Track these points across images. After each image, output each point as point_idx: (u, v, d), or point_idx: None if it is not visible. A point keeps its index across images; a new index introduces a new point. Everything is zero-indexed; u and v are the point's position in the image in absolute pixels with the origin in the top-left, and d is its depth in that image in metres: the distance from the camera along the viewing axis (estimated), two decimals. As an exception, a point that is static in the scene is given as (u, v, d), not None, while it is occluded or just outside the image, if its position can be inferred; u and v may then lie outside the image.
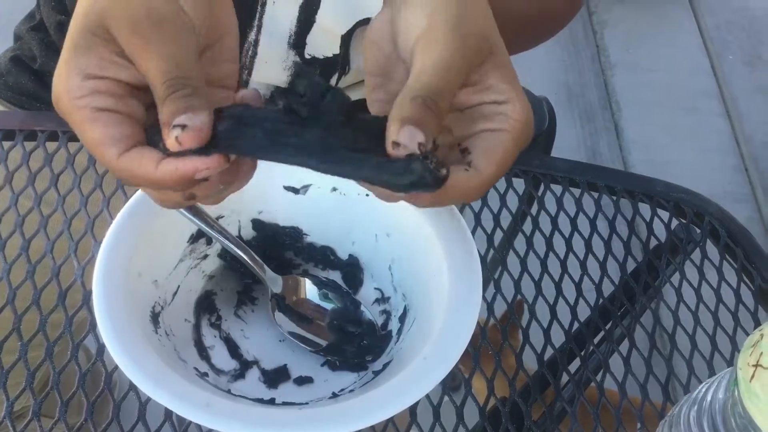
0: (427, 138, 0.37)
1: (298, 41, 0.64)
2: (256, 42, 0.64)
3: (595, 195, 0.68)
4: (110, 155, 0.39)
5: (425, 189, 0.37)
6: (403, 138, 0.37)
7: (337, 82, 0.68)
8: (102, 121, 0.39)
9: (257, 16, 0.63)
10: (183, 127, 0.37)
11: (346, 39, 0.64)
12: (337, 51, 0.65)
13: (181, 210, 0.50)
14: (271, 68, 0.65)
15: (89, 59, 0.40)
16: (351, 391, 0.51)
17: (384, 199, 0.43)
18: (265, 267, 0.53)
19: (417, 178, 0.37)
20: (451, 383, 0.52)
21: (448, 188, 0.39)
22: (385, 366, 0.51)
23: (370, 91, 0.46)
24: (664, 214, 0.67)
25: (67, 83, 0.40)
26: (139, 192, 0.51)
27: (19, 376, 0.51)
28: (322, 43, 0.64)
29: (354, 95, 0.71)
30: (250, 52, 0.64)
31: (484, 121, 0.42)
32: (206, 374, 0.50)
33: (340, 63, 0.66)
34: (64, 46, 0.41)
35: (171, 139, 0.37)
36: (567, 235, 0.64)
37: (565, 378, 0.58)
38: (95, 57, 0.40)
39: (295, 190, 0.55)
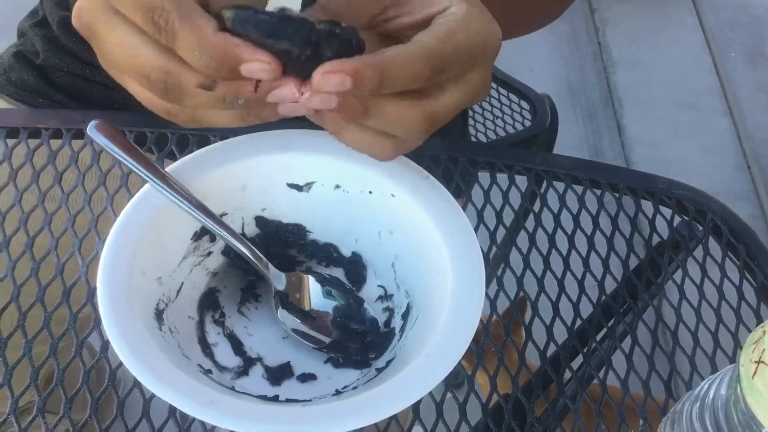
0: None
1: None
2: None
3: (598, 192, 0.68)
4: (209, 30, 0.37)
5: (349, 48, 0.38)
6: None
7: None
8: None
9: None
10: None
11: None
12: None
13: (185, 207, 0.50)
14: None
15: None
16: (354, 388, 0.51)
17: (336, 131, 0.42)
18: (269, 264, 0.53)
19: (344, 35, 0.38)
20: (454, 380, 0.52)
21: (389, 58, 0.38)
22: (388, 363, 0.51)
23: None
24: (667, 212, 0.67)
25: None
26: (143, 189, 0.51)
27: (24, 373, 0.51)
28: None
29: None
30: None
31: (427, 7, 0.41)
32: (210, 371, 0.50)
33: None
34: None
35: None
36: (569, 232, 0.64)
37: (567, 374, 0.58)
38: None
39: (299, 188, 0.55)
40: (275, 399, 0.50)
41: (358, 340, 0.54)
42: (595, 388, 0.58)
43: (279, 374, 0.52)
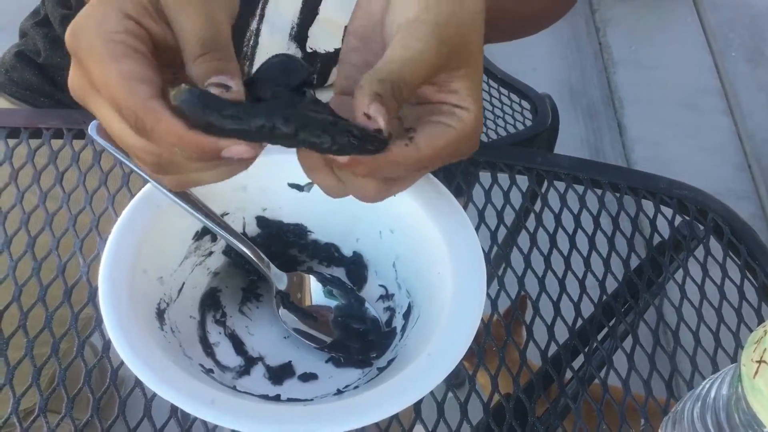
0: (385, 119, 0.39)
1: (300, 33, 0.64)
2: (258, 31, 0.64)
3: (599, 192, 0.68)
4: (141, 92, 0.38)
5: (368, 151, 0.39)
6: (374, 111, 0.39)
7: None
8: (137, 59, 0.38)
9: (260, 5, 0.63)
10: (221, 87, 0.37)
11: None
12: (338, 45, 0.65)
13: (187, 207, 0.50)
14: None
15: (131, 4, 0.39)
16: (355, 387, 0.51)
17: (310, 169, 0.44)
18: (270, 264, 0.53)
19: (367, 137, 0.39)
20: (455, 380, 0.52)
21: (386, 154, 0.40)
22: (389, 363, 0.51)
23: (346, 51, 0.47)
24: (668, 211, 0.67)
25: (104, 17, 0.39)
26: (145, 189, 0.51)
27: (26, 373, 0.51)
28: (324, 36, 0.64)
29: None
30: (251, 42, 0.64)
31: (438, 115, 0.43)
32: (211, 371, 0.51)
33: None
34: None
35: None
36: (570, 232, 0.64)
37: (568, 374, 0.58)
38: (137, 5, 0.40)
39: (300, 187, 0.55)
40: (277, 398, 0.50)
41: (360, 339, 0.54)
42: (596, 388, 0.58)
43: (280, 374, 0.52)
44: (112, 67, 0.38)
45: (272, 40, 0.64)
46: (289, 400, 0.50)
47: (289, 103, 0.39)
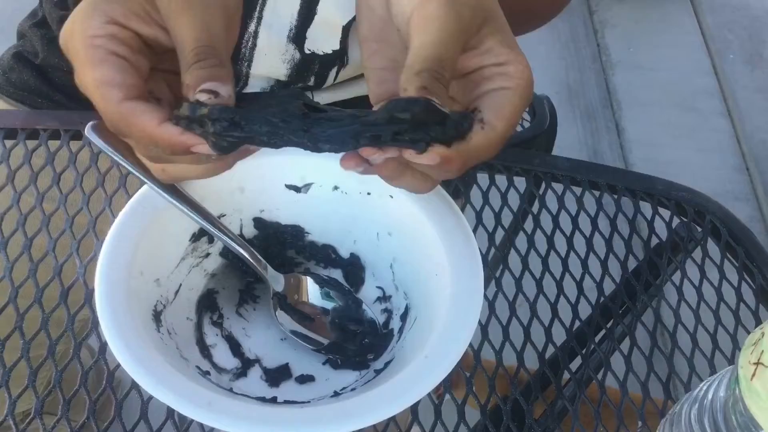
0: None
1: (298, 35, 0.64)
2: (256, 33, 0.64)
3: (597, 194, 0.68)
4: (112, 97, 0.39)
5: (451, 137, 0.39)
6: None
7: (336, 76, 0.68)
8: (112, 64, 0.40)
9: (258, 7, 0.63)
10: (211, 93, 0.39)
11: (347, 30, 0.64)
12: (337, 47, 0.65)
13: (183, 208, 0.50)
14: (271, 60, 0.65)
15: (116, 7, 0.41)
16: (352, 389, 0.51)
17: (394, 177, 0.43)
18: (267, 265, 0.53)
19: (449, 124, 0.39)
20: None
21: (471, 147, 0.40)
22: (386, 364, 0.51)
23: (368, 58, 0.47)
24: (666, 213, 0.67)
25: (88, 22, 0.40)
26: (142, 190, 0.51)
27: (22, 376, 0.51)
28: (323, 37, 0.64)
29: (352, 89, 0.71)
30: (249, 43, 0.64)
31: (487, 82, 0.43)
32: (208, 373, 0.50)
33: (338, 56, 0.66)
34: None
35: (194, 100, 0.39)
36: (568, 234, 0.64)
37: (566, 376, 0.58)
38: (123, 6, 0.41)
39: (297, 189, 0.55)
40: (273, 400, 0.50)
41: (357, 341, 0.53)
42: (594, 389, 0.58)
43: (277, 376, 0.52)
44: (89, 72, 0.40)
45: (270, 42, 0.64)
46: (286, 402, 0.50)
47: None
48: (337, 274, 0.58)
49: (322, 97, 0.70)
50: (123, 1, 0.41)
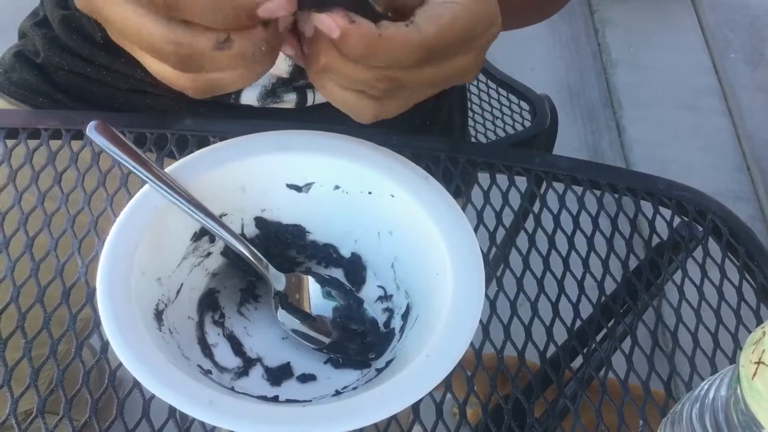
0: None
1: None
2: None
3: (598, 193, 0.68)
4: None
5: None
6: None
7: None
8: None
9: None
10: None
11: None
12: None
13: (185, 207, 0.50)
14: None
15: None
16: (354, 388, 0.51)
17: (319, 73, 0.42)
18: (269, 265, 0.53)
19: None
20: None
21: (383, 38, 0.38)
22: (388, 363, 0.51)
23: None
24: (666, 212, 0.67)
25: None
26: (143, 190, 0.51)
27: (24, 375, 0.51)
28: None
29: None
30: None
31: None
32: (210, 372, 0.50)
33: None
34: None
35: None
36: (569, 233, 0.64)
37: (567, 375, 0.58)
38: None
39: (298, 188, 0.55)
40: (275, 399, 0.50)
41: (358, 340, 0.54)
42: (596, 388, 0.58)
43: (279, 375, 0.52)
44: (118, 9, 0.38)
45: None
46: (288, 401, 0.50)
47: None
48: (338, 273, 0.58)
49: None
50: None
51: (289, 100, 0.72)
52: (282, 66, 0.66)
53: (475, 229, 0.54)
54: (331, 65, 0.41)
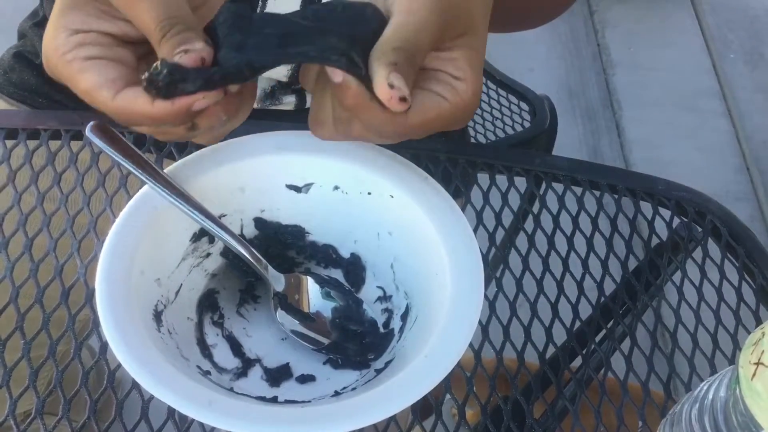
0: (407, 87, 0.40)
1: None
2: None
3: (597, 194, 0.68)
4: (104, 98, 0.41)
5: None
6: (396, 81, 0.40)
7: None
8: (91, 69, 0.41)
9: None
10: (182, 52, 0.39)
11: None
12: None
13: (184, 208, 0.50)
14: None
15: (74, 16, 0.42)
16: (353, 389, 0.51)
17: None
18: (268, 265, 0.53)
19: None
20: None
21: (377, 110, 0.41)
22: (387, 364, 0.51)
23: None
24: (666, 213, 0.67)
25: (54, 41, 0.42)
26: (142, 190, 0.51)
27: (23, 376, 0.51)
28: None
29: None
30: None
31: (434, 83, 0.43)
32: (209, 372, 0.50)
33: None
34: (52, 12, 0.43)
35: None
36: (569, 234, 0.64)
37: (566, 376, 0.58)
38: (80, 14, 0.42)
39: (297, 189, 0.55)
40: (274, 400, 0.50)
41: (357, 341, 0.54)
42: (595, 389, 0.58)
43: (278, 375, 0.52)
44: (76, 86, 0.41)
45: None
46: (287, 401, 0.50)
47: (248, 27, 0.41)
48: (337, 273, 0.58)
49: None
50: (77, 10, 0.42)
51: (288, 103, 0.73)
52: (281, 71, 0.66)
53: (475, 230, 0.54)
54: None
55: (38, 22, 0.78)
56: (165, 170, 0.52)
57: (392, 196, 0.53)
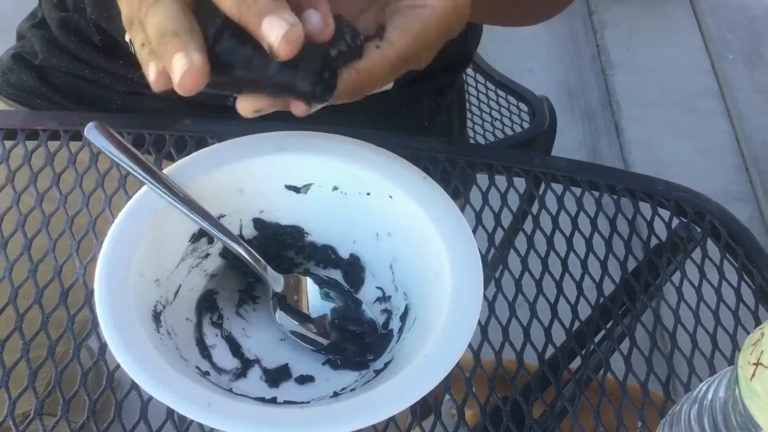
0: (288, 19, 0.36)
1: None
2: None
3: (596, 194, 0.68)
4: None
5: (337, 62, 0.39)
6: (266, 30, 0.36)
7: None
8: None
9: None
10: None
11: None
12: None
13: (183, 209, 0.50)
14: None
15: None
16: (352, 389, 0.51)
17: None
18: (267, 266, 0.53)
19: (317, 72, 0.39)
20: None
21: (362, 72, 0.39)
22: (386, 365, 0.51)
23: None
24: (665, 213, 0.67)
25: None
26: (141, 191, 0.51)
27: (22, 377, 0.51)
28: None
29: None
30: None
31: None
32: (208, 373, 0.50)
33: None
34: None
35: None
36: (568, 234, 0.64)
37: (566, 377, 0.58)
38: None
39: (297, 189, 0.55)
40: (273, 401, 0.50)
41: (356, 341, 0.53)
42: (594, 389, 0.58)
43: (277, 376, 0.52)
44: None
45: None
46: (286, 402, 0.50)
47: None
48: (336, 274, 0.58)
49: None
50: None
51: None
52: None
53: (474, 230, 0.54)
54: None
55: (37, 23, 0.77)
56: (164, 171, 0.52)
57: (391, 197, 0.53)
